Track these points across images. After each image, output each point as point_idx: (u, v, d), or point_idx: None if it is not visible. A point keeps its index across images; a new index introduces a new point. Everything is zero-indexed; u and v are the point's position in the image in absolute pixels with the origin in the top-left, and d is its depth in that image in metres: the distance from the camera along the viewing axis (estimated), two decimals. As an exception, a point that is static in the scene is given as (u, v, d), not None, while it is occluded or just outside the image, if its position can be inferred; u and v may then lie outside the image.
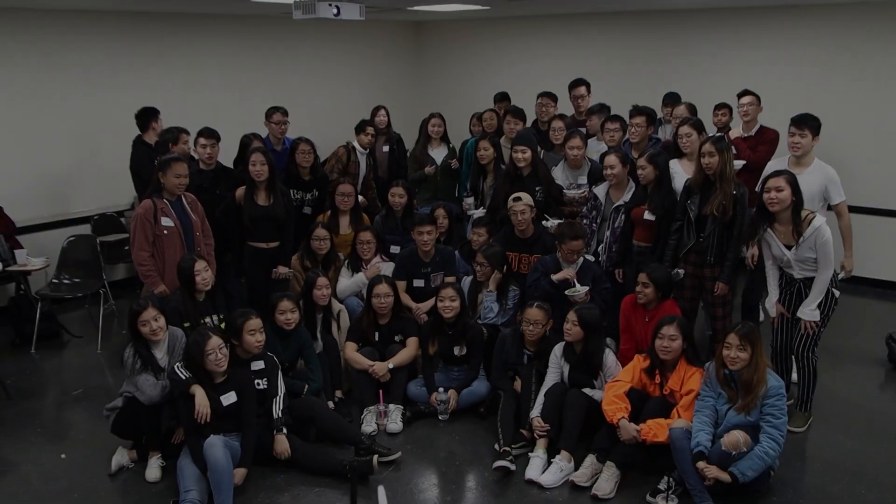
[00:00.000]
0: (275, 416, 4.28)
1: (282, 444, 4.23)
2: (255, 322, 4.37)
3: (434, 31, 10.20)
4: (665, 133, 6.64)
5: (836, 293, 4.43)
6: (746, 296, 5.79)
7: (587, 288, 4.89)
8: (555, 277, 4.98)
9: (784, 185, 4.24)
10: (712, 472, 3.75)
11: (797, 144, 4.82)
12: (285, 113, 6.57)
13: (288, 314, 4.72)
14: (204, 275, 4.70)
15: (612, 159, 5.22)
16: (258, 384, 4.32)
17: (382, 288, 5.04)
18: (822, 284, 4.32)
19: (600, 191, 5.39)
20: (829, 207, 4.91)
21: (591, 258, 5.25)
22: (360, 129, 6.78)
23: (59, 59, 6.94)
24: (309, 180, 6.18)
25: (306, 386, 4.68)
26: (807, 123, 4.83)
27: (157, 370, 4.24)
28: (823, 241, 4.24)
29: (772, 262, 4.52)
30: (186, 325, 4.62)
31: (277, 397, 4.33)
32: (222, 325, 4.69)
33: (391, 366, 4.91)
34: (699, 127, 5.25)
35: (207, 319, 4.74)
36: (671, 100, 6.90)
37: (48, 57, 6.86)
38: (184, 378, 4.07)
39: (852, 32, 7.08)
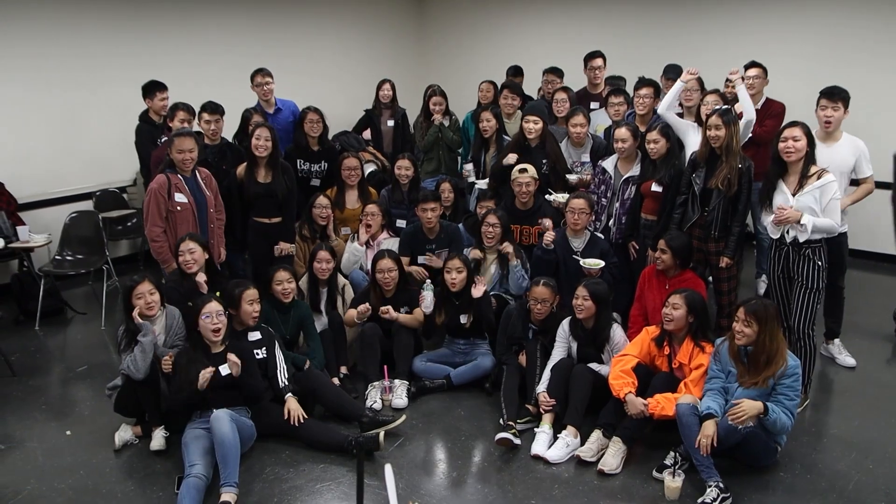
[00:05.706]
0: (281, 384, 4.27)
1: (293, 402, 4.22)
2: (253, 292, 4.39)
3: (437, 3, 10.07)
4: None
5: (822, 263, 4.33)
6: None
7: (602, 263, 4.88)
8: (544, 242, 4.98)
9: (801, 136, 4.22)
10: (708, 429, 3.70)
11: (830, 118, 4.70)
12: (267, 73, 6.46)
13: (284, 284, 4.72)
14: (187, 257, 4.61)
15: (623, 133, 5.18)
16: (257, 354, 4.30)
17: (385, 263, 5.01)
18: (826, 225, 4.21)
19: (608, 164, 5.34)
20: (854, 182, 4.79)
21: (600, 236, 5.21)
22: None
23: (60, 32, 6.85)
24: (318, 151, 6.12)
25: (308, 362, 4.66)
26: (839, 96, 4.69)
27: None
28: (832, 199, 4.19)
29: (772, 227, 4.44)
30: (190, 304, 4.57)
31: (279, 367, 4.32)
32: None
33: (397, 315, 4.91)
34: (724, 98, 5.21)
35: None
36: (673, 72, 6.80)
37: (48, 31, 6.77)
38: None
39: (858, 5, 6.96)
